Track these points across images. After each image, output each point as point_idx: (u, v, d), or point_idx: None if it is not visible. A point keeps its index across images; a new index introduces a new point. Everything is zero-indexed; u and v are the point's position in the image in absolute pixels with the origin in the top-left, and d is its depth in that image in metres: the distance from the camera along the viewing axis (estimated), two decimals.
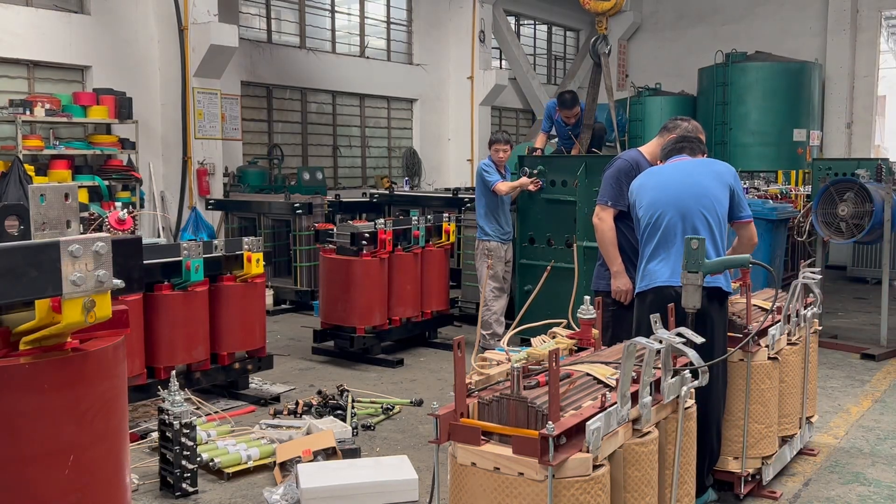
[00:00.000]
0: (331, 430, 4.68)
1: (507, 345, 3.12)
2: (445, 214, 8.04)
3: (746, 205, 4.13)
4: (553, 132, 8.77)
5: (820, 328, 5.13)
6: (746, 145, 15.43)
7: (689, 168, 4.09)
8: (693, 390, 3.06)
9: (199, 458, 4.32)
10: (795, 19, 17.85)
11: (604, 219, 4.54)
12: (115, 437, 2.05)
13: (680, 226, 3.93)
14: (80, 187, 7.41)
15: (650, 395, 2.82)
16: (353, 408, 5.42)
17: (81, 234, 1.92)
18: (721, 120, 15.53)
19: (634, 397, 2.75)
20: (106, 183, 9.83)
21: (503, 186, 7.00)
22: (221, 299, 5.62)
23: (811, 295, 4.73)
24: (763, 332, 4.13)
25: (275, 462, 4.44)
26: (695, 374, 3.06)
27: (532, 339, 3.14)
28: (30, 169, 8.95)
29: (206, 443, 4.67)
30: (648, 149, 4.75)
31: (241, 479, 4.44)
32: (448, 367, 6.51)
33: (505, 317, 7.23)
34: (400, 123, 16.11)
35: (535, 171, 7.06)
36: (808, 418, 4.76)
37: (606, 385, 2.82)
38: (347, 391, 5.73)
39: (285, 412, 5.36)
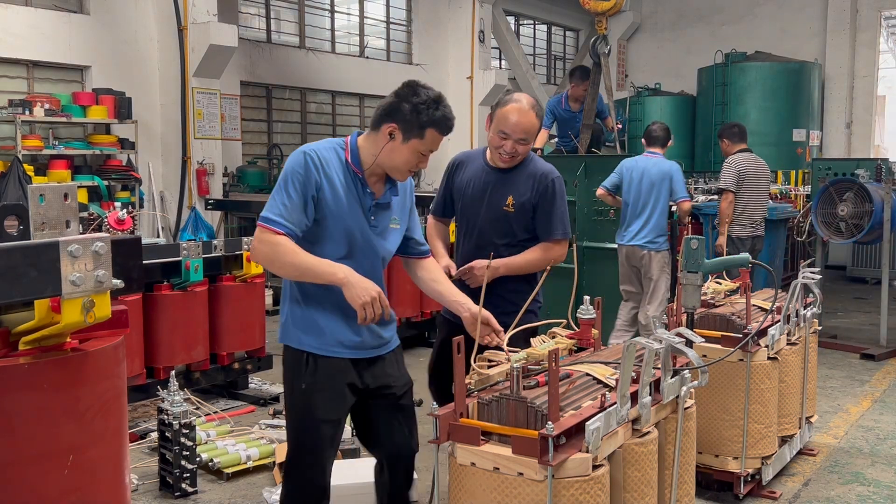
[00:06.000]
0: None
1: (507, 345, 3.11)
2: None
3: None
4: (553, 131, 8.78)
5: (819, 328, 5.12)
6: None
7: None
8: None
9: (198, 459, 4.32)
10: (795, 19, 17.82)
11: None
12: (115, 437, 2.04)
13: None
14: (79, 187, 7.41)
15: (650, 395, 2.82)
16: None
17: (81, 234, 1.92)
18: (720, 120, 15.48)
19: (634, 397, 2.74)
20: (105, 183, 9.82)
21: None
22: (221, 299, 5.62)
23: (811, 295, 4.73)
24: (763, 332, 4.13)
25: (274, 462, 4.44)
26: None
27: (532, 339, 3.13)
28: (29, 169, 8.93)
29: (206, 443, 4.67)
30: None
31: (240, 479, 4.44)
32: None
33: None
34: None
35: None
36: (807, 418, 4.76)
37: (606, 385, 2.81)
38: None
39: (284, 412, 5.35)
